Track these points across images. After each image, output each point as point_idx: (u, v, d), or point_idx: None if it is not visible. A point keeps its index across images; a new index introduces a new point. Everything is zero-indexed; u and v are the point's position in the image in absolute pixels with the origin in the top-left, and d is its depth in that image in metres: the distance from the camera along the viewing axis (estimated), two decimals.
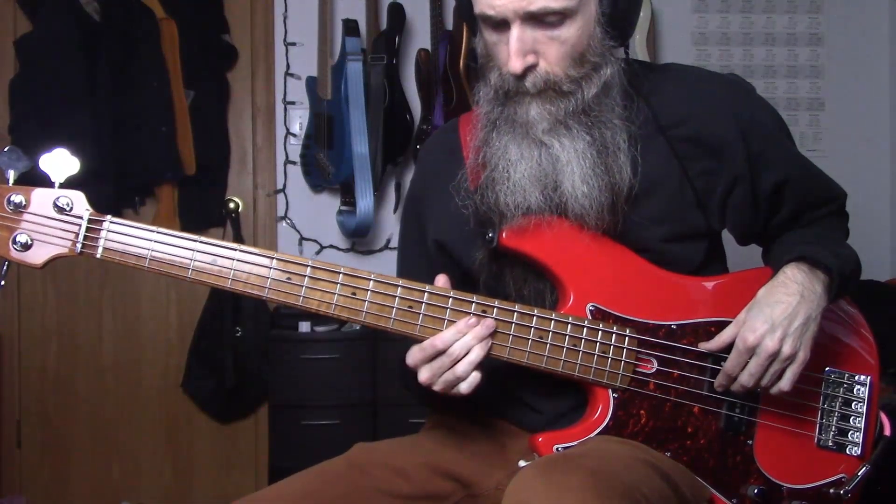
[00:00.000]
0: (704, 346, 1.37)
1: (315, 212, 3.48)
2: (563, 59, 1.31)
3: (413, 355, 1.29)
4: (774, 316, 1.32)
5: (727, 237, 1.50)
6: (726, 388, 1.37)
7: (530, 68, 1.31)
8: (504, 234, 1.34)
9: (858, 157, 3.64)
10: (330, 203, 3.46)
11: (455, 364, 1.27)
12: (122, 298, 3.47)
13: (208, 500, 3.48)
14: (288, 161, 3.48)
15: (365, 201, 3.13)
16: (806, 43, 3.67)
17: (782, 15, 3.67)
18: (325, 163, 3.29)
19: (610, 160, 1.33)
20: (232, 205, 3.47)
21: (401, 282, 1.28)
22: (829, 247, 1.40)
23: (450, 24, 3.33)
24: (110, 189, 3.13)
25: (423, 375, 1.28)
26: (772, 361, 1.33)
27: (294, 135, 3.48)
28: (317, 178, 3.40)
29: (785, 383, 1.34)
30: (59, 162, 1.23)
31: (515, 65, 1.29)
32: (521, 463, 1.34)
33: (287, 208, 3.49)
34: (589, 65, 1.33)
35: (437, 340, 1.26)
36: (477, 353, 1.27)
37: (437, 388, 1.28)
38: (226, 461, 3.51)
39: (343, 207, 3.34)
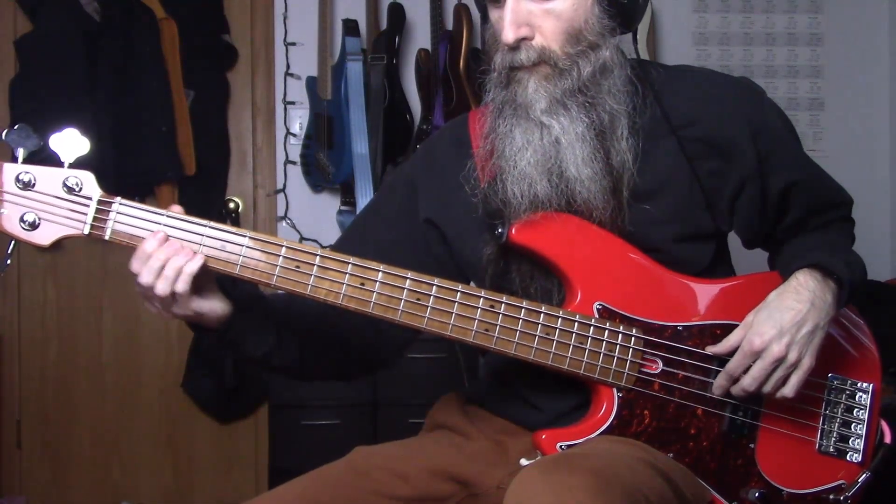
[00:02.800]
0: (711, 350, 1.37)
1: (315, 212, 3.48)
2: (558, 35, 1.32)
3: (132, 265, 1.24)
4: (783, 322, 1.32)
5: (733, 241, 1.50)
6: (726, 389, 1.36)
7: (525, 40, 1.32)
8: (513, 230, 1.34)
9: (858, 157, 3.64)
10: (330, 203, 3.45)
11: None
12: (122, 298, 3.47)
13: (208, 500, 3.48)
14: (288, 161, 3.47)
15: (365, 201, 3.13)
16: (806, 43, 3.67)
17: (782, 15, 3.67)
18: (325, 163, 3.29)
19: (609, 145, 1.34)
20: (232, 205, 3.47)
21: (409, 274, 1.28)
22: (840, 255, 1.40)
23: (450, 24, 3.33)
24: (110, 189, 3.11)
25: (145, 277, 1.22)
26: (776, 367, 1.33)
27: (294, 135, 3.48)
28: (317, 178, 3.40)
29: (789, 390, 1.35)
30: (70, 141, 1.21)
31: (508, 34, 1.31)
32: (523, 461, 1.34)
33: (287, 208, 3.48)
34: (586, 42, 1.34)
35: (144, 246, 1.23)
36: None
37: (160, 286, 1.22)
38: (226, 461, 3.51)
39: (343, 207, 3.34)
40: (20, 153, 1.21)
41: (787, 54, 3.67)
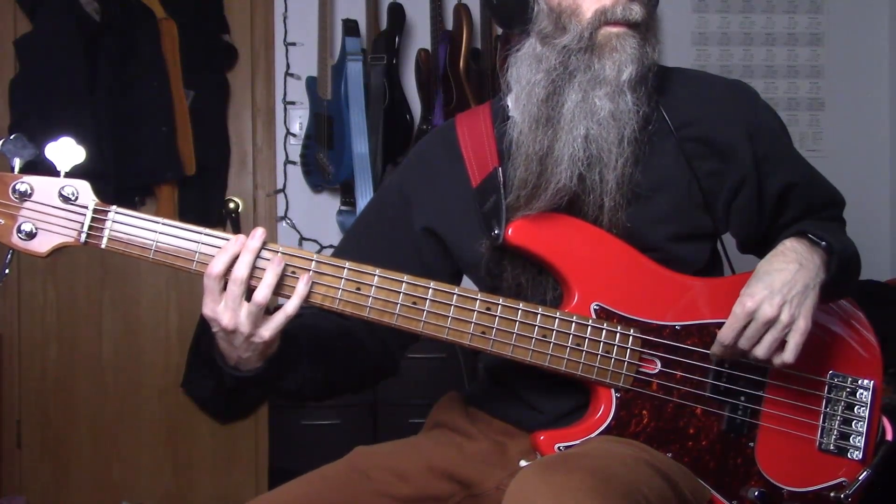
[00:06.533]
0: (720, 333, 1.35)
1: (315, 212, 3.48)
2: (651, 9, 1.36)
3: (205, 304, 1.24)
4: (774, 283, 1.31)
5: (728, 243, 1.50)
6: (719, 357, 1.35)
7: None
8: (510, 231, 1.34)
9: (858, 157, 3.64)
10: (330, 203, 3.46)
11: (246, 290, 1.22)
12: (122, 299, 3.47)
13: (208, 500, 3.48)
14: (288, 161, 3.48)
15: (365, 201, 3.13)
16: (806, 43, 3.67)
17: (782, 15, 3.67)
18: (325, 163, 3.29)
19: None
20: (232, 205, 3.47)
21: (405, 277, 1.28)
22: (829, 231, 1.40)
23: (450, 24, 3.33)
24: (110, 189, 3.12)
25: (225, 319, 1.22)
26: (769, 328, 1.31)
27: (294, 135, 3.48)
28: (317, 178, 3.40)
29: (788, 355, 1.32)
30: (65, 150, 1.21)
31: None
32: (523, 463, 1.35)
33: (287, 208, 3.49)
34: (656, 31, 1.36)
35: (210, 269, 1.22)
36: (270, 275, 1.22)
37: (244, 328, 1.22)
38: (226, 461, 3.51)
39: (343, 207, 3.35)
40: (16, 163, 1.21)
41: (787, 54, 3.67)
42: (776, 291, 1.30)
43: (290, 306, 1.24)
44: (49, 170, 1.22)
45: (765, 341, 1.31)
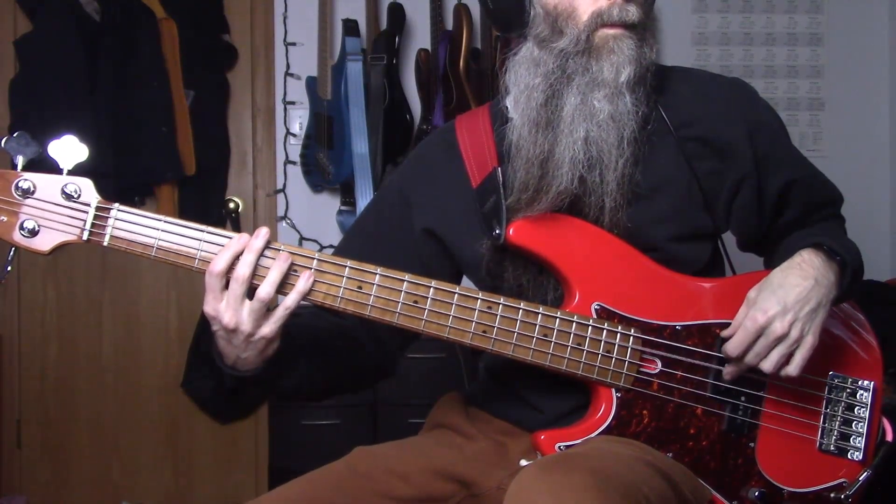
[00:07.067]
0: (724, 333, 1.36)
1: (315, 212, 3.48)
2: (648, 9, 1.35)
3: (206, 302, 1.24)
4: (788, 299, 1.31)
5: (728, 243, 1.50)
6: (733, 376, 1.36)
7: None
8: (511, 231, 1.34)
9: (858, 157, 3.64)
10: (330, 203, 3.46)
11: (248, 289, 1.22)
12: (122, 298, 3.47)
13: (208, 500, 3.48)
14: (288, 161, 3.48)
15: (365, 201, 3.13)
16: (806, 43, 3.67)
17: (782, 15, 3.67)
18: (325, 163, 3.29)
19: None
20: (232, 205, 3.47)
21: (407, 276, 1.28)
22: (841, 242, 1.41)
23: (450, 24, 3.33)
24: (110, 189, 3.12)
25: (227, 317, 1.22)
26: (777, 344, 1.32)
27: (294, 135, 3.48)
28: (317, 178, 3.40)
29: (793, 368, 1.33)
30: (68, 148, 1.22)
31: None
32: (523, 462, 1.34)
33: (287, 208, 3.49)
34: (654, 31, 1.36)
35: (212, 267, 1.22)
36: (275, 272, 1.23)
37: (245, 327, 1.22)
38: (226, 461, 3.51)
39: (343, 207, 3.35)
40: (19, 161, 1.21)
41: (787, 54, 3.67)
42: (789, 308, 1.31)
43: (290, 300, 1.24)
44: (52, 168, 1.22)
45: (772, 357, 1.32)
